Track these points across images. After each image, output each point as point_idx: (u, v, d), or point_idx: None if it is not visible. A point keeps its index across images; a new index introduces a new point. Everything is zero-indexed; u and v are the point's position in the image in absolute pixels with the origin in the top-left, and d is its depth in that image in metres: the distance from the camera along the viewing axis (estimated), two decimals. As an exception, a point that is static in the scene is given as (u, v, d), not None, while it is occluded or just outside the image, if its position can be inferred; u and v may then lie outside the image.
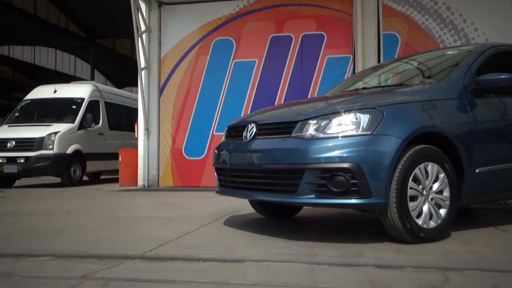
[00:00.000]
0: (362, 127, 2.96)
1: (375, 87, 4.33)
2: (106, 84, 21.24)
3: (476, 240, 3.18)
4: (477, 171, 3.36)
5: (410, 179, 2.99)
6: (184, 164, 8.96)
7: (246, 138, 3.45)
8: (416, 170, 3.02)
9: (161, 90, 9.20)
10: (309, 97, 8.34)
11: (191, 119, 9.00)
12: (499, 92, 3.56)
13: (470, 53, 3.81)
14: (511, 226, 3.83)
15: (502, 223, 3.99)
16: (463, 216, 4.36)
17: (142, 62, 9.03)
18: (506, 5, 8.06)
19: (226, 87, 8.87)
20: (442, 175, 3.14)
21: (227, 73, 8.89)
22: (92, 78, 27.02)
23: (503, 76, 3.45)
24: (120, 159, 9.60)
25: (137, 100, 9.62)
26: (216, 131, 8.77)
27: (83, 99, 10.60)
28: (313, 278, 2.27)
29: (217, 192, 3.94)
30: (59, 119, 10.23)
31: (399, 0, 8.42)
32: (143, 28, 9.02)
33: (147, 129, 9.10)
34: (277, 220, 4.23)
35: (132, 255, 2.79)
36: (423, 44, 8.26)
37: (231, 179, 3.70)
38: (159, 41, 9.25)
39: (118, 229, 3.88)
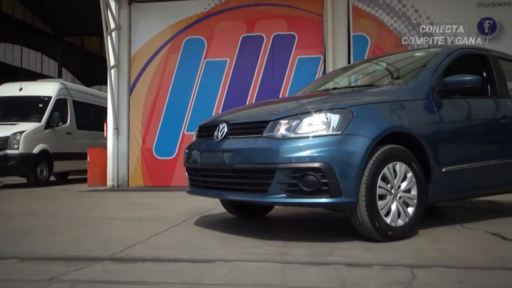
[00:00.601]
0: (333, 127, 2.99)
1: (345, 87, 4.38)
2: (74, 82, 20.80)
3: (442, 238, 3.26)
4: (443, 170, 3.44)
5: (379, 178, 3.04)
6: (154, 164, 8.87)
7: (217, 138, 3.44)
8: (385, 170, 3.08)
9: (131, 89, 9.08)
10: (280, 97, 8.38)
11: (161, 119, 8.92)
12: (464, 93, 3.66)
13: (437, 55, 3.90)
14: (476, 223, 3.94)
15: (467, 220, 4.10)
16: (430, 214, 4.46)
17: (111, 61, 8.89)
18: (471, 9, 8.30)
19: (197, 87, 8.82)
20: (410, 174, 3.21)
21: (198, 72, 8.84)
22: (60, 76, 26.45)
23: (468, 78, 3.54)
24: (88, 159, 9.42)
25: (106, 99, 9.46)
26: (187, 131, 8.71)
27: (50, 98, 10.35)
28: (284, 277, 2.28)
29: (188, 192, 3.91)
30: (25, 118, 9.95)
31: (368, 2, 8.56)
32: (112, 25, 8.88)
33: (116, 129, 8.97)
34: (249, 219, 4.23)
35: (100, 257, 2.74)
36: (392, 45, 8.43)
37: (202, 179, 3.68)
38: (129, 39, 9.13)
39: (86, 230, 3.81)
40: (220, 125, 3.49)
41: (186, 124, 8.79)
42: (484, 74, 4.21)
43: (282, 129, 3.07)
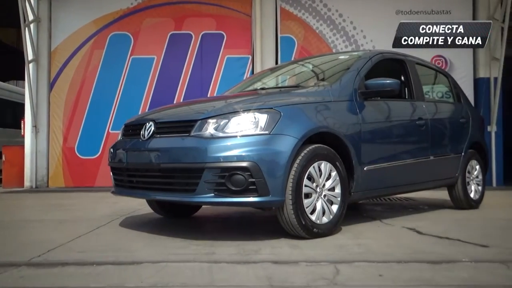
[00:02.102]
0: (260, 127, 3.02)
1: (273, 87, 4.45)
2: (-13, 77, 19.40)
3: (363, 234, 3.41)
4: (365, 169, 3.60)
5: (305, 177, 3.12)
6: (76, 164, 8.51)
7: (144, 137, 3.36)
8: (311, 169, 3.16)
9: (51, 85, 8.65)
10: (208, 96, 8.36)
11: (84, 116, 8.57)
12: (384, 95, 3.84)
13: (360, 58, 4.07)
14: (394, 219, 4.16)
15: (386, 217, 4.32)
16: (352, 211, 4.65)
17: (29, 54, 8.41)
18: (390, 15, 8.76)
19: (123, 84, 8.58)
20: (334, 173, 3.32)
21: (124, 69, 8.60)
22: (-29, 70, 24.56)
23: (387, 81, 3.73)
24: (3, 158, 8.84)
25: (24, 95, 8.93)
26: (112, 129, 8.44)
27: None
28: (211, 277, 2.27)
29: (112, 192, 3.79)
30: None
31: (296, 4, 8.76)
32: (30, 17, 8.41)
33: (35, 126, 8.51)
34: (176, 219, 4.17)
35: (17, 262, 2.58)
36: (318, 48, 8.70)
37: (127, 179, 3.58)
38: (50, 33, 8.69)
39: (2, 234, 3.57)
40: (147, 123, 3.42)
41: (111, 122, 8.51)
42: (402, 78, 4.46)
43: (210, 128, 3.06)
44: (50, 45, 8.69)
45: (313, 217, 3.16)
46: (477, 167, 5.14)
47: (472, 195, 4.99)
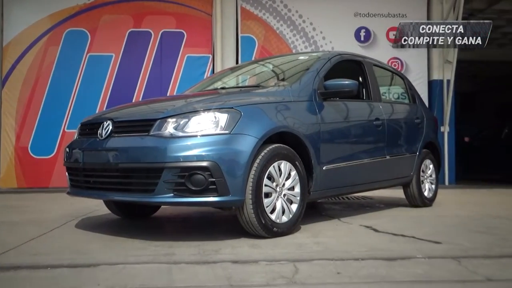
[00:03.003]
0: (221, 126, 3.01)
1: (233, 87, 4.45)
2: None
3: (322, 232, 3.46)
4: (324, 168, 3.65)
5: (265, 176, 3.13)
6: (30, 163, 8.22)
7: (101, 136, 3.29)
8: (271, 168, 3.18)
9: (3, 82, 8.31)
10: (168, 95, 8.26)
11: (39, 115, 8.28)
12: (342, 96, 3.91)
13: (319, 59, 4.13)
14: (352, 218, 4.25)
15: (344, 215, 4.40)
16: (311, 210, 4.71)
17: (-21, 50, 8.07)
18: (348, 17, 8.94)
19: (80, 82, 8.35)
20: (293, 173, 3.35)
21: (81, 67, 8.37)
22: None
23: (346, 82, 3.80)
24: (-49, 158, 8.44)
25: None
26: (68, 128, 8.21)
27: None
28: (170, 277, 2.25)
29: (68, 193, 3.68)
30: None
31: (256, 4, 8.79)
32: (-19, 11, 8.07)
33: (-15, 125, 8.16)
34: (134, 220, 4.11)
35: (-35, 267, 2.47)
36: (278, 48, 8.76)
37: (84, 179, 3.49)
38: (1, 27, 8.35)
39: None
40: (105, 122, 3.34)
41: (66, 121, 8.27)
42: (360, 79, 4.55)
43: (170, 127, 3.03)
44: (2, 40, 8.36)
45: (273, 217, 3.18)
46: (431, 166, 5.32)
47: (426, 193, 5.16)
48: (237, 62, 8.54)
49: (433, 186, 5.33)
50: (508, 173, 10.66)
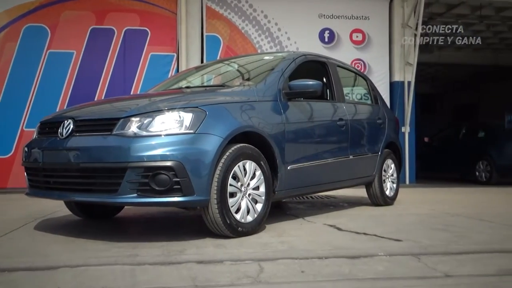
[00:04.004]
0: (185, 126, 2.99)
1: (198, 86, 4.43)
2: None
3: (287, 231, 3.48)
4: (288, 168, 3.68)
5: (230, 176, 3.13)
6: (-14, 163, 7.93)
7: (62, 135, 3.21)
8: (236, 168, 3.18)
9: (-43, 79, 7.99)
10: (131, 93, 8.13)
11: (-4, 113, 8.00)
12: (307, 96, 3.95)
13: (284, 59, 4.15)
14: (316, 217, 4.30)
15: (308, 214, 4.45)
16: (276, 209, 4.74)
17: None
18: (313, 19, 9.04)
19: (39, 79, 8.11)
20: (258, 172, 3.36)
21: (40, 64, 8.13)
22: None
23: (310, 82, 3.84)
24: None
25: None
26: (26, 127, 7.96)
27: None
28: (134, 279, 2.22)
29: (27, 194, 3.57)
30: None
31: (221, 4, 8.76)
32: None
33: None
34: (96, 221, 4.02)
35: None
36: (243, 47, 8.77)
37: (43, 179, 3.39)
38: (-45, 22, 8.03)
39: None
40: (65, 121, 3.26)
41: (25, 120, 8.02)
42: (324, 79, 4.61)
43: (133, 127, 2.98)
44: (-45, 35, 8.04)
45: (238, 216, 3.18)
46: (392, 166, 5.44)
47: (387, 192, 5.27)
48: (202, 61, 8.49)
49: (395, 185, 5.45)
50: (466, 172, 11.04)
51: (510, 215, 4.63)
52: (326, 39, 9.10)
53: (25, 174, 3.62)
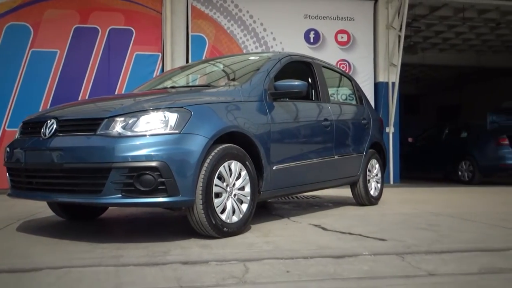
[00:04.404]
0: (170, 126, 2.98)
1: (183, 86, 4.41)
2: None
3: (272, 231, 3.49)
4: (274, 168, 3.68)
5: (215, 176, 3.12)
6: (-33, 164, 7.79)
7: (45, 135, 3.17)
8: (221, 168, 3.17)
9: None
10: (116, 93, 8.07)
11: (-24, 113, 7.88)
12: (292, 96, 3.96)
13: (269, 59, 4.16)
14: (301, 217, 4.31)
15: (293, 215, 4.46)
16: (261, 209, 4.74)
17: None
18: (298, 19, 9.07)
19: (22, 78, 7.99)
20: (244, 173, 3.36)
21: (23, 63, 8.02)
22: None
23: (295, 83, 3.84)
24: None
25: None
26: (8, 127, 7.84)
27: None
28: (118, 280, 2.20)
29: (9, 195, 3.52)
30: None
31: (207, 3, 8.74)
32: None
33: None
34: (80, 222, 3.98)
35: None
36: (229, 48, 8.76)
37: (26, 180, 3.35)
38: None
39: None
40: (49, 121, 3.22)
41: (7, 119, 7.90)
42: (310, 80, 4.63)
43: (118, 126, 2.96)
44: None
45: (223, 217, 3.18)
46: (377, 166, 5.48)
47: (372, 192, 5.31)
48: (187, 61, 8.46)
49: (379, 185, 5.49)
50: (449, 172, 11.18)
51: (491, 214, 4.70)
52: (312, 40, 9.13)
53: (7, 175, 3.57)
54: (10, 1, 8.06)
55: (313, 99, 4.62)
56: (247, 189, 3.38)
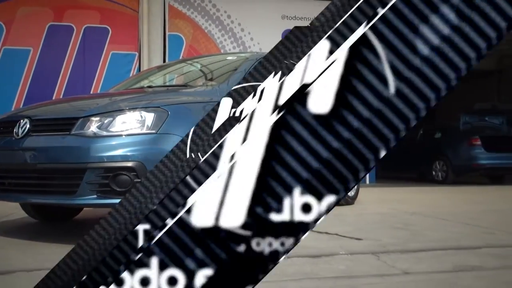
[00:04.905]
0: (147, 126, 2.95)
1: (160, 86, 4.38)
2: None
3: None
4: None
5: (192, 176, 3.10)
6: None
7: (18, 135, 3.10)
8: (198, 168, 3.15)
9: None
10: (91, 93, 7.95)
11: None
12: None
13: (247, 60, 4.15)
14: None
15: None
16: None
17: None
18: (276, 20, 9.10)
19: (-6, 77, 7.82)
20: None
21: (-5, 61, 7.85)
22: None
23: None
24: None
25: None
26: (-21, 126, 7.65)
27: None
28: (93, 282, 2.16)
29: (-21, 196, 3.44)
30: None
31: (184, 3, 8.69)
32: None
33: None
34: (54, 223, 3.91)
35: None
36: (206, 47, 8.72)
37: (-2, 181, 3.28)
38: None
39: None
40: (21, 120, 3.15)
41: (-22, 118, 7.71)
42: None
43: (93, 126, 2.92)
44: None
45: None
46: (353, 166, 5.53)
47: (349, 192, 5.35)
48: (164, 61, 8.40)
49: (355, 185, 5.54)
50: (423, 172, 11.37)
51: (464, 213, 4.80)
52: (289, 40, 9.16)
53: (-22, 176, 3.48)
54: (-19, -3, 7.88)
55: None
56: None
